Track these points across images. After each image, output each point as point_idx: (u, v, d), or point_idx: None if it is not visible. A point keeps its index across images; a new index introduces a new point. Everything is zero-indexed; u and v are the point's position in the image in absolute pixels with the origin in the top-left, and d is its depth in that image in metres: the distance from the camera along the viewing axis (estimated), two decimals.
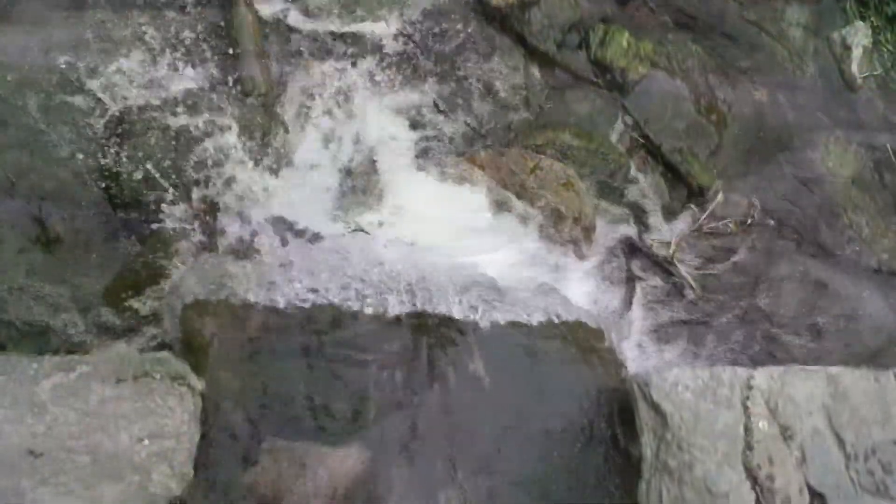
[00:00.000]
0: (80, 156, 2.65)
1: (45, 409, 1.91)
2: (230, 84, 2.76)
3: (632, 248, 3.15)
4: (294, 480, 2.11)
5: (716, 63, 3.53)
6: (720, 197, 3.30)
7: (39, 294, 2.54)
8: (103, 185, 2.65)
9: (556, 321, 2.45)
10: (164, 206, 2.66)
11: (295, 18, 2.91)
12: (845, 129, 3.66)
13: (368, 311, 2.34)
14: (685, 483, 2.22)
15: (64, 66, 2.65)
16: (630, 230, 3.14)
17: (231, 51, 2.78)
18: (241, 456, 2.10)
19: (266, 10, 2.87)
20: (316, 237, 2.65)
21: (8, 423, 1.87)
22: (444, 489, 2.20)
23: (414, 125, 2.99)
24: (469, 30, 3.13)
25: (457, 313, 2.40)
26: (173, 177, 2.67)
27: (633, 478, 2.30)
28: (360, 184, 2.80)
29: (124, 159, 2.64)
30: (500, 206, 2.88)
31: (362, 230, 2.66)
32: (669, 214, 3.24)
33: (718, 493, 2.21)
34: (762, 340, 3.20)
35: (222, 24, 2.82)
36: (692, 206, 3.28)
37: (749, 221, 3.35)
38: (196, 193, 2.66)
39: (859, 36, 3.75)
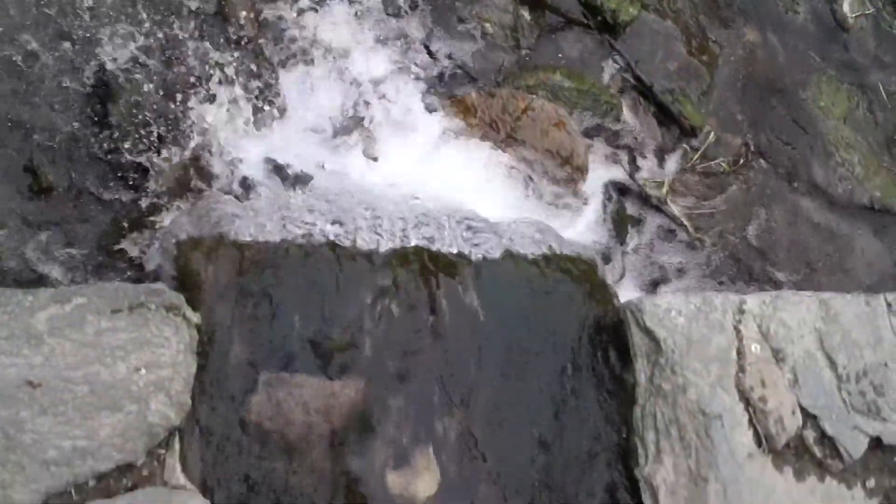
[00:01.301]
0: (70, 105, 2.64)
1: (42, 341, 1.91)
2: (218, 28, 2.75)
3: (624, 189, 3.16)
4: (292, 411, 2.13)
5: (706, 4, 3.52)
6: (712, 137, 3.31)
7: (33, 243, 2.54)
8: (94, 133, 2.65)
9: (549, 254, 2.46)
10: (155, 152, 2.65)
11: None
12: (837, 69, 3.66)
13: (362, 246, 2.34)
14: (679, 406, 2.24)
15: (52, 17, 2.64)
16: (622, 170, 3.15)
17: None
18: (238, 388, 2.12)
19: None
20: (307, 177, 2.65)
21: (5, 355, 1.88)
22: (440, 418, 2.23)
23: (404, 67, 2.98)
24: None
25: (450, 248, 2.41)
26: (163, 122, 2.66)
27: (628, 404, 2.32)
28: (350, 125, 2.80)
29: (114, 107, 2.63)
30: (491, 146, 2.88)
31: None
32: (662, 154, 3.24)
33: (712, 415, 2.23)
34: (755, 278, 3.22)
35: None
36: (684, 145, 3.28)
37: (742, 161, 3.36)
38: (187, 137, 2.66)
39: None
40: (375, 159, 2.77)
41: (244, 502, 2.05)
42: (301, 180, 2.62)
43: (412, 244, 2.38)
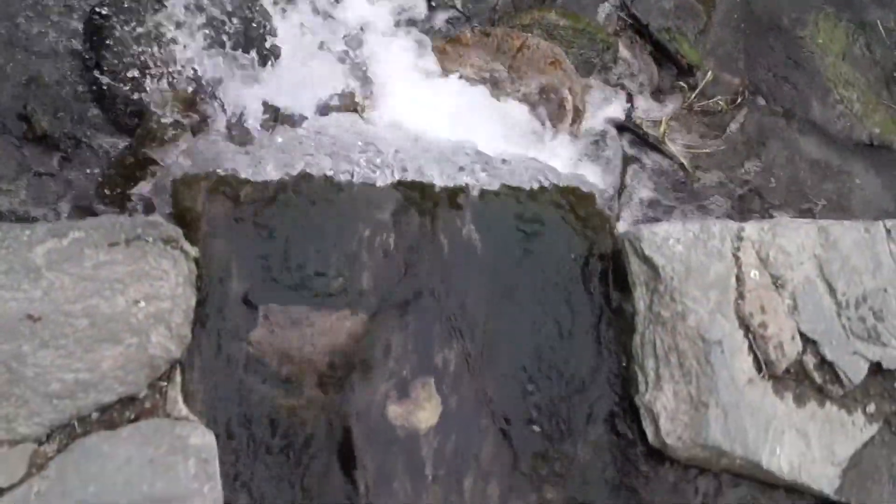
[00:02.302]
0: (62, 51, 2.63)
1: (41, 275, 1.91)
2: None
3: (622, 128, 3.15)
4: (292, 344, 2.14)
5: None
6: (709, 75, 3.28)
7: (30, 191, 2.54)
8: (87, 79, 2.63)
9: (547, 185, 2.45)
10: (150, 96, 2.64)
11: None
12: (835, 6, 3.62)
13: (359, 181, 2.33)
14: (678, 333, 2.24)
15: None
16: (619, 109, 3.13)
17: None
18: (238, 321, 2.12)
19: None
20: (304, 119, 2.64)
21: (4, 289, 1.88)
22: (440, 349, 2.23)
23: (398, 9, 2.95)
24: None
25: (448, 181, 2.40)
26: (158, 67, 2.64)
27: (628, 333, 2.33)
28: (347, 68, 2.78)
29: (106, 52, 2.61)
30: (488, 86, 2.86)
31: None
32: (659, 94, 3.22)
33: (712, 341, 2.24)
34: (754, 217, 3.21)
35: None
36: (682, 84, 3.26)
37: (739, 99, 3.34)
38: (181, 81, 2.64)
39: None
40: (373, 102, 2.76)
41: (246, 434, 2.05)
42: (296, 121, 2.61)
43: (409, 178, 2.37)
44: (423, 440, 2.15)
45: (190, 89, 2.64)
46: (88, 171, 2.59)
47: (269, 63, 2.73)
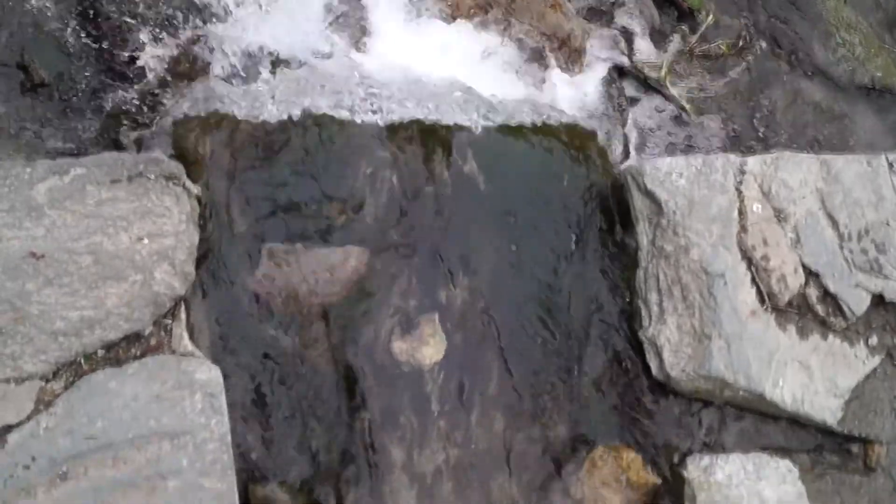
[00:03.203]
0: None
1: (43, 213, 1.91)
2: None
3: (623, 72, 3.12)
4: (296, 280, 2.14)
5: None
6: (710, 19, 3.25)
7: (29, 138, 2.53)
8: (86, 26, 2.61)
9: (550, 123, 2.44)
10: (149, 42, 2.62)
11: None
12: None
13: (359, 120, 2.32)
14: (682, 266, 2.25)
15: None
16: (620, 53, 3.11)
17: None
18: (241, 259, 2.13)
19: None
20: (303, 61, 2.62)
21: (7, 227, 1.87)
22: (444, 286, 2.24)
23: None
24: None
25: (449, 120, 2.39)
26: (156, 12, 2.62)
27: (631, 268, 2.33)
28: (346, 11, 2.75)
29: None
30: (488, 29, 2.84)
31: None
32: (660, 37, 3.19)
33: (715, 273, 2.24)
34: None
35: None
36: (683, 28, 3.23)
37: (741, 43, 3.31)
38: (181, 27, 2.62)
39: None
40: (371, 45, 2.74)
41: (252, 370, 2.06)
42: (296, 63, 2.59)
43: (410, 117, 2.36)
44: (427, 376, 2.16)
45: (190, 33, 2.62)
46: (88, 117, 2.57)
47: (269, 6, 2.71)
